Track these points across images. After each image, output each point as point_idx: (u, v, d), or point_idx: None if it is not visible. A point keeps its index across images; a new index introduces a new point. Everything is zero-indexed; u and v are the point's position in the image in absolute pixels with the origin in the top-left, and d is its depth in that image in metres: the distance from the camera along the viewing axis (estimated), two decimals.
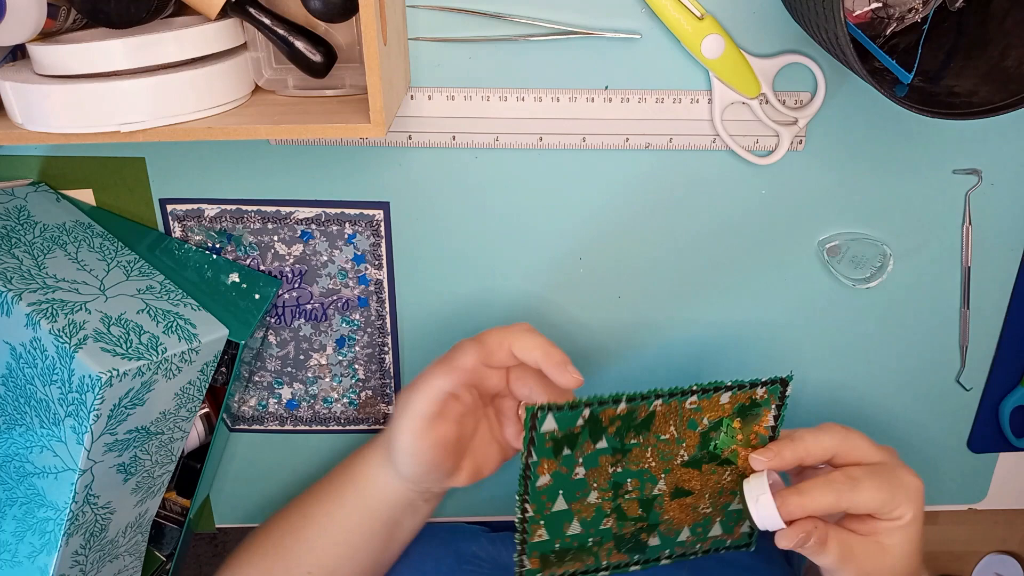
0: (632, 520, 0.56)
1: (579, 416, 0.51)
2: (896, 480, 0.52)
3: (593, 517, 0.55)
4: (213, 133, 0.50)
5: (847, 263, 0.66)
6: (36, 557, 0.57)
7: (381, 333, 0.69)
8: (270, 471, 0.75)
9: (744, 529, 0.59)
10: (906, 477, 0.53)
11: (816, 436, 0.53)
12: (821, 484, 0.52)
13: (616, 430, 0.53)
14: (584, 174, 0.63)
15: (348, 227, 0.65)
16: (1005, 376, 0.72)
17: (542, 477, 0.52)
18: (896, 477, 0.53)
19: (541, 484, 0.53)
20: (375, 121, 0.49)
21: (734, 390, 0.54)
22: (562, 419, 0.51)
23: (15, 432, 0.57)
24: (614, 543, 0.57)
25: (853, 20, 0.56)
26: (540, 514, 0.54)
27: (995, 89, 0.52)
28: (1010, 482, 0.77)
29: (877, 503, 0.52)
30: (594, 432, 0.52)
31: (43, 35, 0.51)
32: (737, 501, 0.57)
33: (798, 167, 0.63)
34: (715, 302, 0.68)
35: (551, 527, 0.54)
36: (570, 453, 0.52)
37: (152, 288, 0.60)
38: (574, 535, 0.55)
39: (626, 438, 0.53)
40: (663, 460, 0.55)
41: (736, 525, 0.59)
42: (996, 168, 0.64)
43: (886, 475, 0.52)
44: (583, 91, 0.60)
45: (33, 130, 0.50)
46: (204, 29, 0.51)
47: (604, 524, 0.56)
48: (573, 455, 0.53)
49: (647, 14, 0.58)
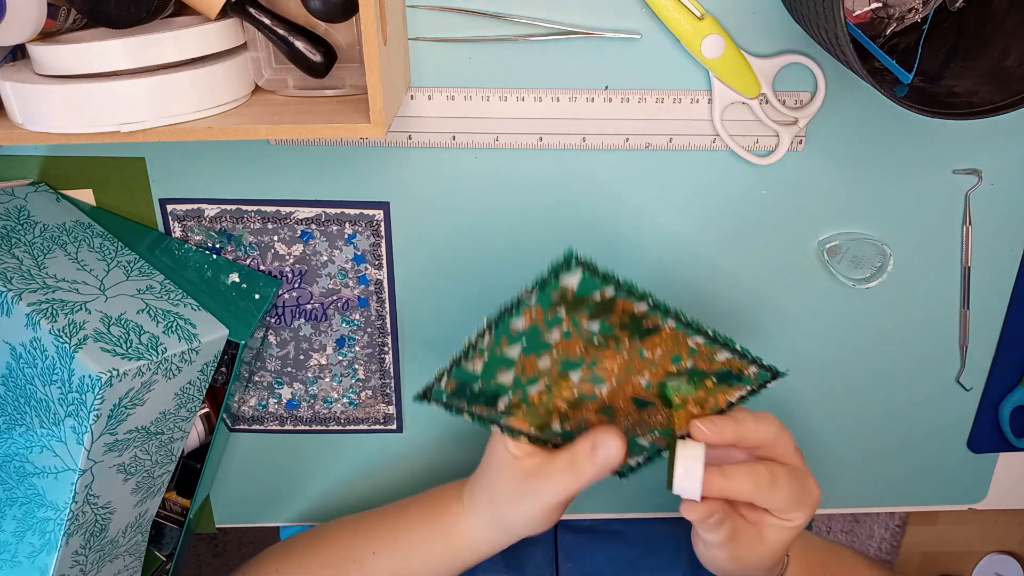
0: (556, 402, 0.56)
1: (601, 289, 0.49)
2: (805, 487, 0.54)
3: (528, 379, 0.54)
4: (213, 133, 0.50)
5: (847, 263, 0.66)
6: (36, 557, 0.57)
7: (381, 333, 0.69)
8: (270, 471, 0.75)
9: (631, 464, 0.62)
10: (812, 487, 0.55)
11: (757, 425, 0.54)
12: (745, 474, 0.53)
13: (616, 321, 0.52)
14: (584, 174, 0.63)
15: (348, 227, 0.65)
16: (1005, 376, 0.72)
17: (522, 319, 0.51)
18: (805, 484, 0.55)
19: (515, 326, 0.51)
20: (375, 121, 0.49)
21: (735, 354, 0.54)
22: (586, 283, 0.49)
23: (15, 432, 0.57)
24: (525, 410, 0.56)
25: (853, 20, 0.56)
26: (490, 349, 0.52)
27: (995, 89, 0.52)
28: (1010, 482, 0.77)
29: (783, 504, 0.54)
30: (599, 311, 0.51)
31: (43, 35, 0.51)
32: (649, 442, 0.60)
33: (798, 167, 0.63)
34: (715, 302, 0.68)
35: (488, 366, 0.53)
36: (562, 316, 0.51)
37: (152, 288, 0.60)
38: (500, 385, 0.54)
39: (617, 333, 0.53)
40: (624, 372, 0.55)
41: (633, 455, 0.61)
42: (996, 168, 0.64)
43: (799, 480, 0.54)
44: (583, 91, 0.60)
45: (33, 130, 0.50)
46: (204, 29, 0.51)
47: (531, 390, 0.55)
48: (562, 319, 0.51)
49: (647, 14, 0.58)
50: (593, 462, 0.55)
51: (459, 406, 0.55)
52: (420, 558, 0.63)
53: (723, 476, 0.53)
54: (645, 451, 0.62)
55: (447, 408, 0.55)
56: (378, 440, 0.74)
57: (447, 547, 0.62)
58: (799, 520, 0.55)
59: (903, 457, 0.76)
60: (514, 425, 0.57)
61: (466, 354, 0.52)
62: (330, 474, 0.75)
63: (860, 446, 0.75)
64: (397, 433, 0.73)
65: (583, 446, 0.55)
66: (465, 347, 0.52)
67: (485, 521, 0.61)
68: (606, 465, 0.54)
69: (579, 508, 0.77)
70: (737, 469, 0.53)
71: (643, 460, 0.62)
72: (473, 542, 0.62)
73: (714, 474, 0.53)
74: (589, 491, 0.65)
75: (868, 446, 0.75)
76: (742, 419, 0.54)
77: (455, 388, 0.54)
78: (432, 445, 0.73)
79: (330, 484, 0.75)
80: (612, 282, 0.49)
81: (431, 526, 0.63)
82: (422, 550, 0.63)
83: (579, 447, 0.55)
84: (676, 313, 0.52)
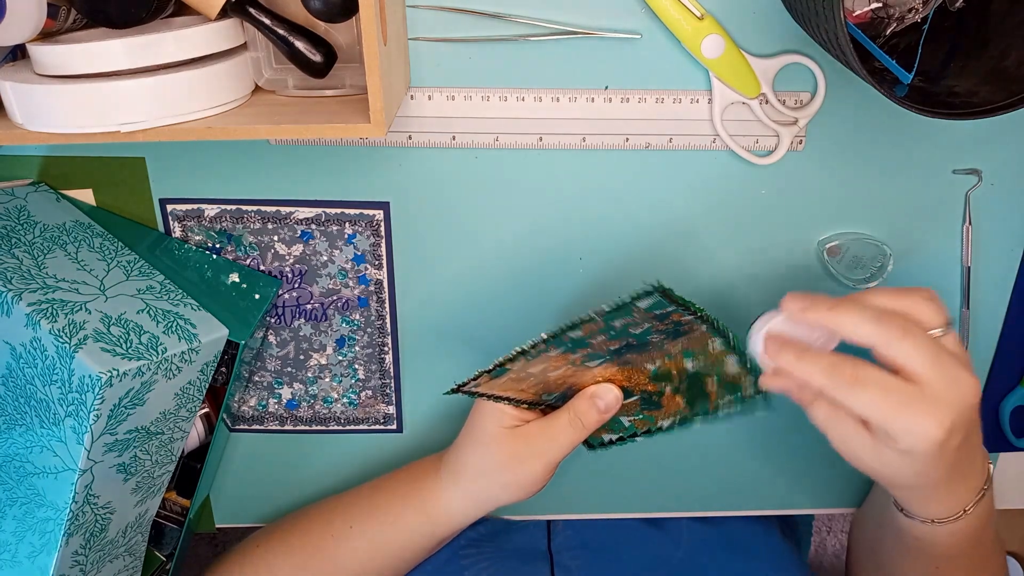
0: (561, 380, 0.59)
1: (669, 306, 0.51)
2: (914, 410, 0.46)
3: (555, 368, 0.57)
4: (213, 133, 0.50)
5: (847, 263, 0.66)
6: (36, 557, 0.57)
7: (381, 333, 0.69)
8: (270, 471, 0.75)
9: (604, 439, 0.65)
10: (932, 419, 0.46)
11: (858, 321, 0.47)
12: (825, 364, 0.48)
13: (664, 329, 0.54)
14: (584, 174, 0.63)
15: (348, 227, 0.65)
16: (1005, 376, 0.72)
17: (578, 331, 0.53)
18: (920, 409, 0.46)
19: (572, 335, 0.53)
20: (375, 121, 0.49)
21: (744, 367, 0.56)
22: (657, 305, 0.51)
23: (15, 432, 0.57)
24: (534, 385, 0.59)
25: (853, 20, 0.56)
26: (538, 352, 0.55)
27: (995, 89, 0.52)
28: (1010, 482, 0.77)
29: (875, 416, 0.47)
30: (657, 320, 0.53)
31: (43, 35, 0.51)
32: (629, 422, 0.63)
33: (798, 167, 0.63)
34: (714, 302, 0.68)
35: (526, 362, 0.56)
36: (615, 326, 0.53)
37: (152, 288, 0.60)
38: (529, 374, 0.57)
39: (653, 334, 0.55)
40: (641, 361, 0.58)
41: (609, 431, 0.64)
42: (996, 168, 0.64)
43: (909, 398, 0.46)
44: (583, 91, 0.60)
45: (33, 130, 0.50)
46: (204, 29, 0.51)
47: (554, 374, 0.58)
48: (614, 327, 0.53)
49: (647, 14, 0.58)
50: (596, 411, 0.59)
51: (478, 391, 0.59)
52: (396, 531, 0.65)
53: (796, 356, 0.49)
54: (623, 430, 0.64)
55: (471, 395, 0.59)
56: (378, 440, 0.74)
57: (423, 520, 0.64)
58: (913, 446, 0.47)
59: None
60: (518, 396, 0.60)
61: (513, 359, 0.55)
62: (330, 474, 0.75)
63: None
64: (397, 433, 0.73)
65: (582, 400, 0.60)
66: (515, 353, 0.55)
67: (465, 494, 0.63)
68: (608, 411, 0.59)
69: (579, 508, 0.77)
70: (815, 355, 0.49)
71: (616, 439, 0.65)
72: (449, 513, 0.64)
73: (786, 348, 0.50)
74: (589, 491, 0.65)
75: None
76: (847, 309, 0.48)
77: (489, 378, 0.57)
78: (432, 445, 0.73)
79: (330, 484, 0.75)
80: (680, 304, 0.51)
81: (407, 499, 0.65)
82: (398, 523, 0.65)
83: (578, 402, 0.60)
84: (720, 328, 0.54)
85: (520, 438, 0.60)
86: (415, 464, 0.69)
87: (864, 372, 0.47)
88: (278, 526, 0.70)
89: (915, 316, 0.49)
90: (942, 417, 0.46)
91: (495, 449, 0.61)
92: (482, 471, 0.62)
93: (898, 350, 0.47)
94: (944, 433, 0.46)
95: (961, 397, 0.46)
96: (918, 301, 0.49)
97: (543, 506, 0.75)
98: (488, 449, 0.61)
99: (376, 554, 0.65)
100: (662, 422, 0.62)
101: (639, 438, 0.64)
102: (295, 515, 0.71)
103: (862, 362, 0.48)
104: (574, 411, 0.60)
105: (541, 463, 0.60)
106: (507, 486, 0.61)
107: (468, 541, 0.70)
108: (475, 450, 0.62)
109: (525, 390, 0.60)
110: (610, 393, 0.59)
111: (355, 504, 0.68)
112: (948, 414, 0.46)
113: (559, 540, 0.74)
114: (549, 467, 0.60)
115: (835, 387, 0.48)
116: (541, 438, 0.60)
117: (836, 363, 0.48)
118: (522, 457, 0.60)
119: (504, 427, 0.61)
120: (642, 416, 0.62)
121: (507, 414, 0.60)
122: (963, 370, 0.47)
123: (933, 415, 0.46)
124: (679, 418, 0.61)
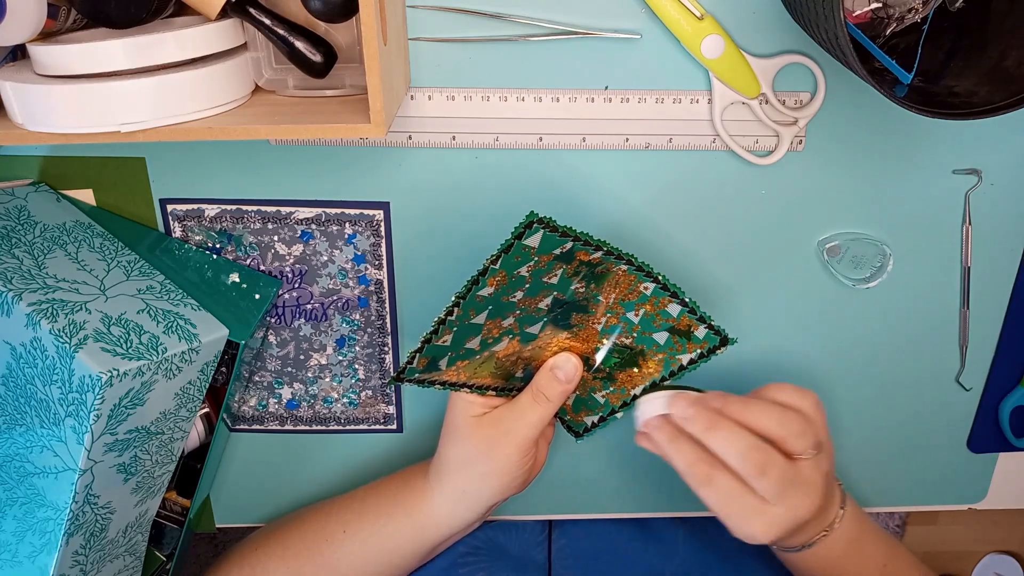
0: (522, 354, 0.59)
1: (562, 244, 0.51)
2: (750, 521, 0.53)
3: (494, 339, 0.57)
4: (213, 133, 0.50)
5: (847, 263, 0.66)
6: (36, 557, 0.57)
7: (381, 333, 0.69)
8: (270, 471, 0.75)
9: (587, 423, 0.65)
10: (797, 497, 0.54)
11: (727, 449, 0.53)
12: (688, 457, 0.54)
13: (573, 271, 0.54)
14: (584, 174, 0.63)
15: (348, 227, 0.65)
16: (1005, 376, 0.72)
17: (488, 288, 0.53)
18: (755, 521, 0.53)
19: (482, 293, 0.53)
20: (375, 121, 0.49)
21: (685, 309, 0.56)
22: (548, 240, 0.51)
23: (15, 432, 0.57)
24: (492, 368, 0.59)
25: (853, 20, 0.56)
26: (459, 321, 0.54)
27: (995, 89, 0.52)
28: (1010, 482, 0.77)
29: (716, 512, 0.54)
30: (561, 260, 0.53)
31: (43, 35, 0.51)
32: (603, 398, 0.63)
33: (798, 167, 0.63)
34: (715, 302, 0.68)
35: (457, 336, 0.55)
36: (524, 275, 0.53)
37: (152, 288, 0.60)
38: (469, 350, 0.57)
39: (575, 283, 0.55)
40: (586, 321, 0.58)
41: (588, 412, 0.65)
42: (996, 168, 0.64)
43: (749, 511, 0.53)
44: (583, 91, 0.60)
45: (33, 130, 0.50)
46: (204, 29, 0.51)
47: (498, 348, 0.58)
48: (525, 278, 0.53)
49: (647, 14, 0.58)
50: (558, 383, 0.60)
51: (430, 380, 0.58)
52: (386, 535, 0.65)
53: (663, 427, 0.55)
54: (600, 408, 0.64)
55: (419, 384, 0.58)
56: (378, 440, 0.74)
57: (412, 524, 0.65)
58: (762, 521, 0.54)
59: (903, 457, 0.76)
60: (481, 383, 0.60)
61: (436, 331, 0.54)
62: (330, 474, 0.75)
63: (860, 446, 0.75)
64: (397, 433, 0.73)
65: (542, 374, 0.61)
66: (435, 324, 0.54)
67: (450, 491, 0.63)
68: (570, 380, 0.60)
69: (578, 508, 0.77)
70: (684, 447, 0.55)
71: (598, 420, 0.65)
72: (436, 516, 0.64)
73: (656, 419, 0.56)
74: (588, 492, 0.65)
75: (868, 446, 0.75)
76: (717, 432, 0.54)
77: (427, 364, 0.56)
78: (432, 445, 0.73)
79: (330, 484, 0.75)
80: (570, 236, 0.51)
81: (397, 503, 0.65)
82: (389, 527, 0.65)
83: (539, 377, 0.61)
84: (628, 256, 0.54)
85: (489, 424, 0.60)
86: (411, 468, 0.69)
87: (717, 477, 0.53)
88: (276, 528, 0.70)
89: (786, 445, 0.54)
90: (774, 532, 0.54)
91: (468, 439, 0.61)
92: (461, 464, 0.62)
93: (756, 483, 0.53)
94: (770, 540, 0.54)
95: (795, 519, 0.54)
96: (794, 430, 0.54)
97: (543, 506, 0.75)
98: (462, 441, 0.61)
99: (369, 558, 0.65)
100: (634, 390, 0.61)
101: (619, 414, 0.64)
102: (292, 517, 0.71)
103: (719, 466, 0.54)
104: (536, 386, 0.60)
105: (513, 444, 0.60)
106: (486, 476, 0.61)
107: (468, 549, 0.70)
108: (452, 444, 0.62)
109: (483, 375, 0.59)
110: (568, 362, 0.60)
111: (349, 507, 0.68)
112: (779, 529, 0.54)
113: (558, 550, 0.74)
114: (522, 449, 0.60)
115: (690, 479, 0.54)
116: (508, 419, 0.60)
117: (695, 461, 0.54)
118: (493, 442, 0.60)
119: (473, 416, 0.61)
120: (613, 389, 0.63)
121: (475, 403, 0.61)
122: (806, 499, 0.54)
123: (766, 530, 0.54)
124: (649, 382, 0.61)
